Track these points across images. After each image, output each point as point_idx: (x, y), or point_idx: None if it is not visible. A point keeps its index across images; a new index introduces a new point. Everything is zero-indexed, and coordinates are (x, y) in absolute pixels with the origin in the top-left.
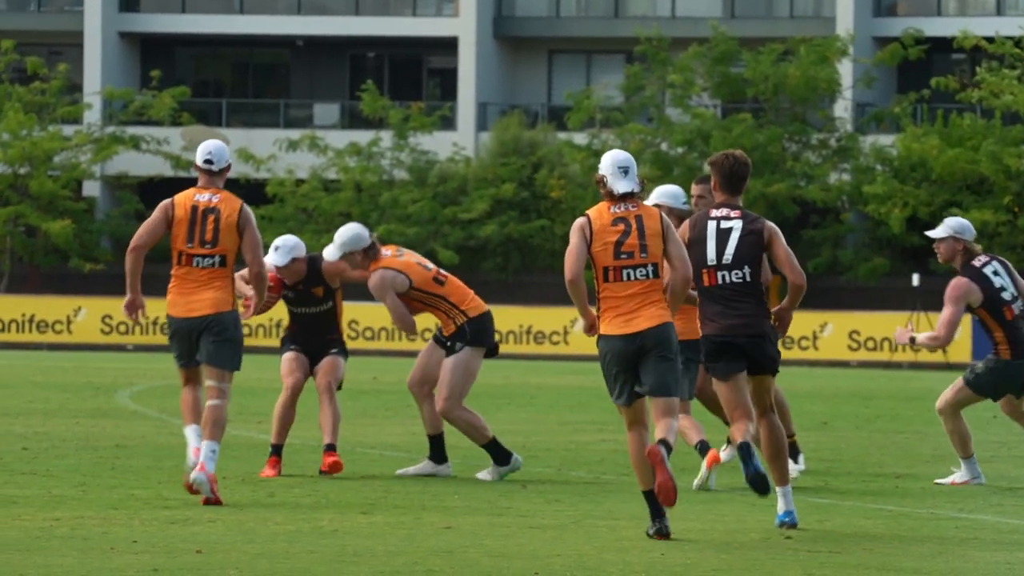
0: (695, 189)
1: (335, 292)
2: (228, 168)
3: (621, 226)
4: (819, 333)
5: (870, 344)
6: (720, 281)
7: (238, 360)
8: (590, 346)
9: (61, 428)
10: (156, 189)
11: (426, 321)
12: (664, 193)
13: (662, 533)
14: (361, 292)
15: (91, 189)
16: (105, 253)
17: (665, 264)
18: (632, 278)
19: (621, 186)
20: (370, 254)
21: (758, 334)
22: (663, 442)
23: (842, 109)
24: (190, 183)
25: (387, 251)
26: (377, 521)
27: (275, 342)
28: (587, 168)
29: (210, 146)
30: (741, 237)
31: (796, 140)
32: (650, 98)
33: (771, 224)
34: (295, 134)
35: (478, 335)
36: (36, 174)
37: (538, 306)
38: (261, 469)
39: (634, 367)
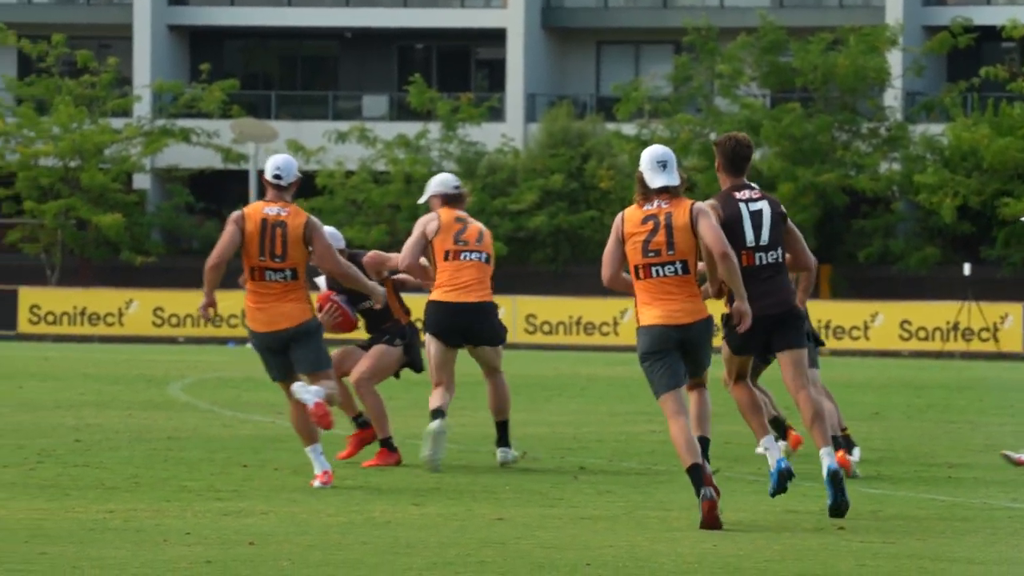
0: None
1: (382, 284)
2: (297, 182)
3: (650, 224)
4: (870, 323)
5: (921, 334)
6: (758, 262)
7: (328, 358)
8: None
9: (113, 420)
10: (206, 181)
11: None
12: None
13: (707, 497)
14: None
15: (141, 182)
16: (156, 246)
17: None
18: (662, 275)
19: (657, 180)
20: (446, 200)
21: (796, 312)
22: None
23: (892, 98)
24: (239, 176)
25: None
26: (429, 512)
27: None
28: (635, 159)
29: (279, 161)
30: (773, 218)
31: (846, 129)
32: (698, 88)
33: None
34: (344, 126)
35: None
36: (87, 167)
37: (587, 297)
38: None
39: (675, 353)
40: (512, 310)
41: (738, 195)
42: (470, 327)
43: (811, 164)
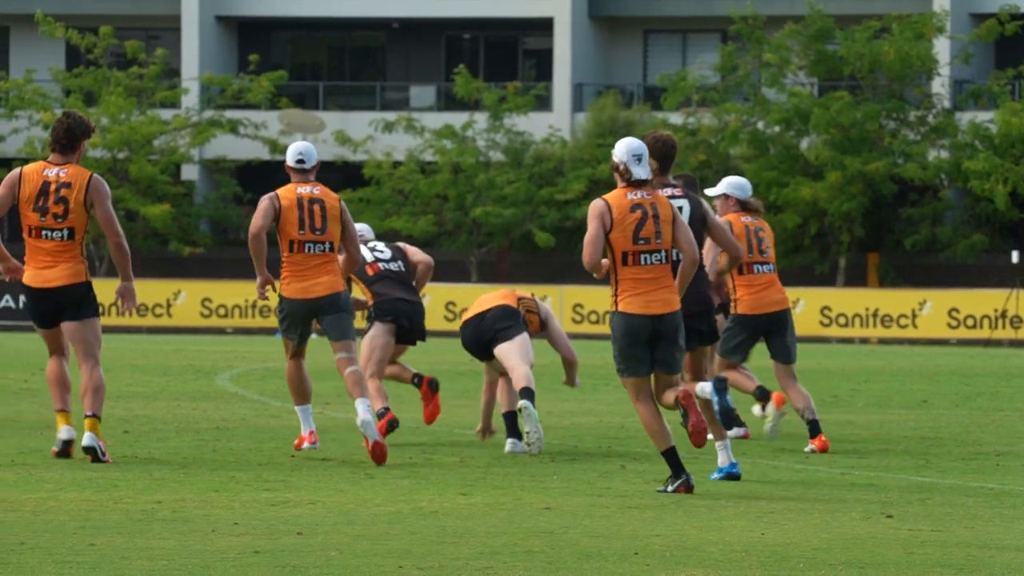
0: None
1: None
2: (318, 166)
3: (639, 213)
4: (918, 311)
5: (969, 322)
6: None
7: (354, 330)
8: None
9: (162, 411)
10: (254, 173)
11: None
12: (732, 184)
13: (687, 485)
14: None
15: (189, 173)
16: (204, 237)
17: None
18: (649, 262)
19: (640, 172)
20: None
21: (700, 310)
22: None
23: (939, 86)
24: (284, 166)
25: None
26: (476, 502)
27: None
28: (683, 148)
29: (300, 146)
30: (692, 216)
31: (894, 118)
32: (745, 77)
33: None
34: (391, 117)
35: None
36: (135, 158)
37: None
38: (361, 451)
39: (648, 343)
40: (559, 299)
41: (662, 193)
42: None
43: (859, 152)
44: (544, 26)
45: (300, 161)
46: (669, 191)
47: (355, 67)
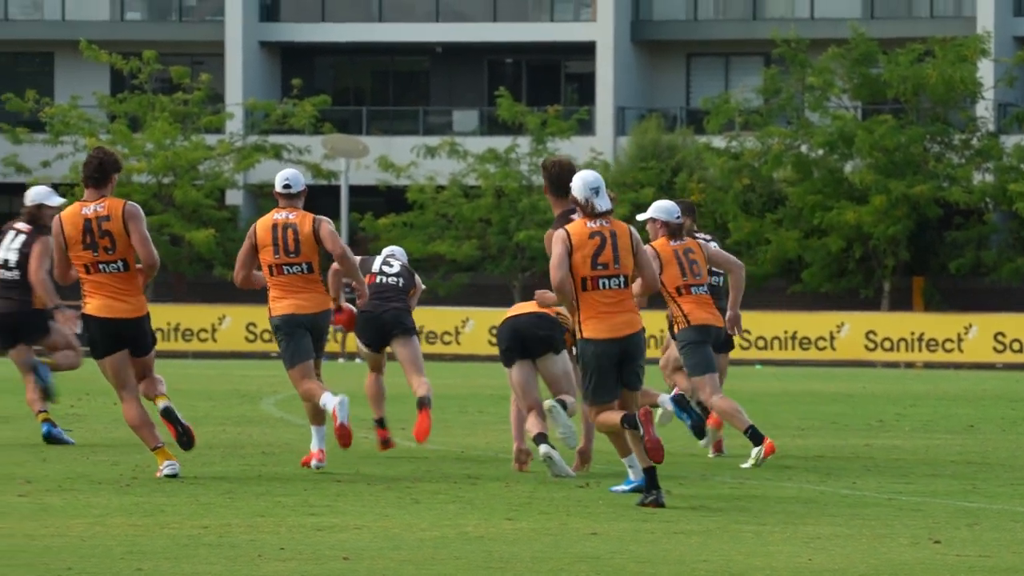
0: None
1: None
2: (304, 192)
3: (597, 240)
4: (964, 335)
5: (1016, 346)
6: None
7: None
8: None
9: (207, 436)
10: None
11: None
12: (659, 209)
13: (659, 502)
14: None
15: (234, 198)
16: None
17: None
18: (607, 287)
19: (601, 204)
20: None
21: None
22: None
23: (983, 109)
24: (330, 191)
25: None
26: (522, 527)
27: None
28: (726, 171)
29: (287, 173)
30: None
31: (938, 141)
32: (788, 100)
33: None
34: (434, 141)
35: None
36: (180, 183)
37: None
38: (407, 475)
39: (616, 366)
40: None
41: (575, 218)
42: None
43: (903, 176)
44: (586, 50)
45: (287, 187)
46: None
47: (398, 92)
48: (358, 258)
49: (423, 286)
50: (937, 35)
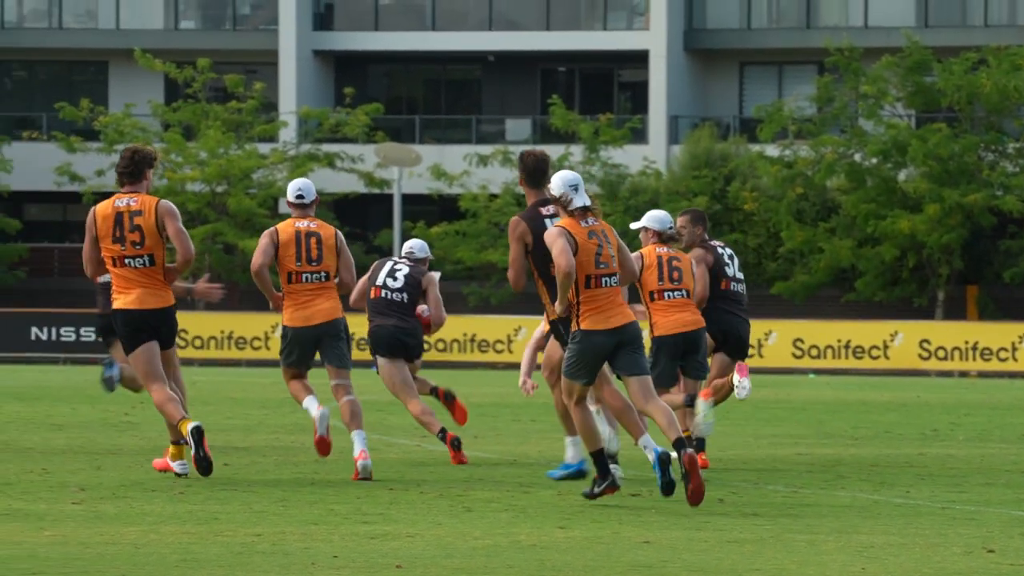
0: (679, 220)
1: None
2: (317, 201)
3: (596, 240)
4: (1018, 344)
5: None
6: None
7: (350, 359)
8: (786, 358)
9: (261, 444)
10: (351, 206)
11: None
12: (651, 218)
13: (613, 485)
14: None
15: (287, 207)
16: None
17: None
18: (608, 284)
19: (579, 200)
20: None
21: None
22: (683, 442)
23: None
24: (383, 200)
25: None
26: (575, 535)
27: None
28: (779, 180)
29: (299, 183)
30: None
31: (992, 149)
32: (842, 109)
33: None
34: (487, 150)
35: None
36: (233, 192)
37: None
38: (459, 484)
39: (607, 356)
40: None
41: (543, 211)
42: None
43: (957, 185)
44: (639, 59)
45: (300, 197)
46: (551, 208)
47: (451, 100)
48: (377, 263)
49: (436, 277)
50: (991, 44)
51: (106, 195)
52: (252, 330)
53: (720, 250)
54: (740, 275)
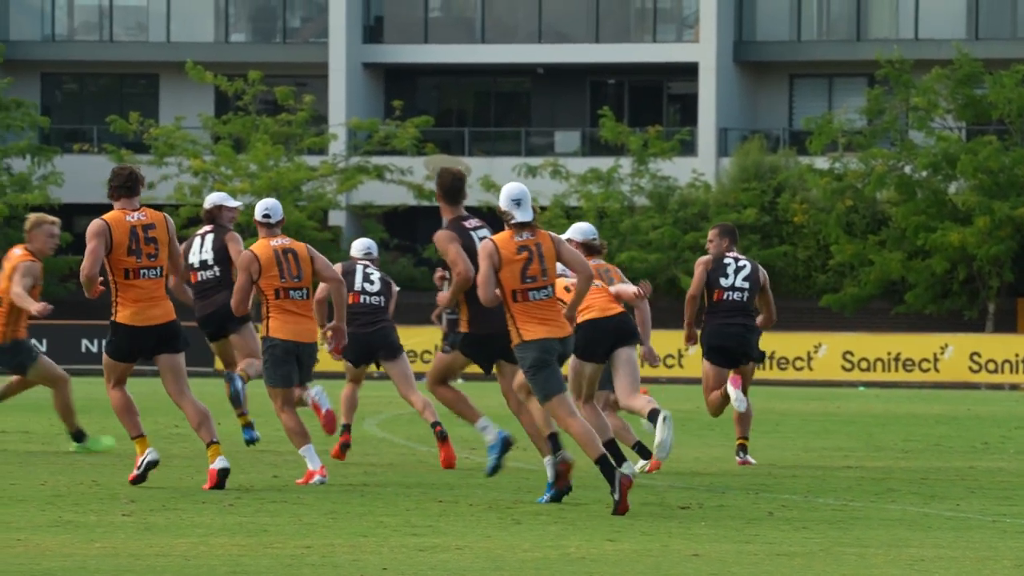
0: (709, 233)
1: None
2: (283, 221)
3: (525, 254)
4: None
5: None
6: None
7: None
8: (836, 371)
9: None
10: (400, 219)
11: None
12: (576, 230)
13: (566, 460)
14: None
15: (336, 219)
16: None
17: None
18: (536, 299)
19: (520, 215)
20: None
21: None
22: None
23: None
24: (432, 212)
25: None
26: (624, 548)
27: None
28: (829, 192)
29: (267, 203)
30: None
31: None
32: (892, 121)
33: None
34: (536, 162)
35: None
36: (283, 204)
37: (781, 332)
38: (507, 495)
39: (556, 363)
40: None
41: (466, 224)
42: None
43: (1007, 197)
44: (689, 71)
45: (266, 216)
46: (472, 222)
47: (500, 113)
48: (338, 265)
49: (397, 289)
50: None
51: (156, 208)
52: None
53: (728, 260)
54: (743, 284)
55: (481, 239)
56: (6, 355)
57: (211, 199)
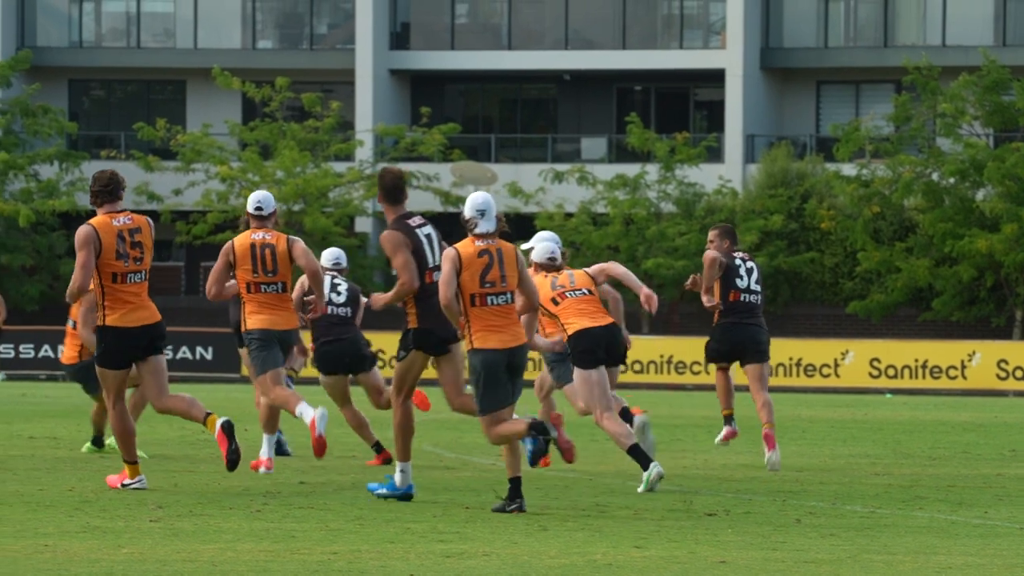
0: (710, 234)
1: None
2: (275, 213)
3: (485, 258)
4: None
5: None
6: (435, 279)
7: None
8: (863, 378)
9: (336, 463)
10: None
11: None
12: (539, 251)
13: (522, 509)
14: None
15: (363, 225)
16: (378, 288)
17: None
18: (495, 303)
19: (483, 225)
20: None
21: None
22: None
23: None
24: (458, 219)
25: None
26: (651, 555)
27: None
28: (856, 199)
29: (258, 195)
30: (439, 240)
31: None
32: (919, 128)
33: None
34: (563, 168)
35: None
36: (310, 211)
37: (808, 338)
38: (535, 502)
39: (505, 374)
40: None
41: (411, 222)
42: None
43: None
44: (715, 77)
45: (259, 208)
46: (416, 220)
47: (526, 119)
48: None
49: (365, 300)
50: None
51: (182, 214)
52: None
53: (739, 262)
54: (756, 287)
55: (426, 236)
56: (80, 374)
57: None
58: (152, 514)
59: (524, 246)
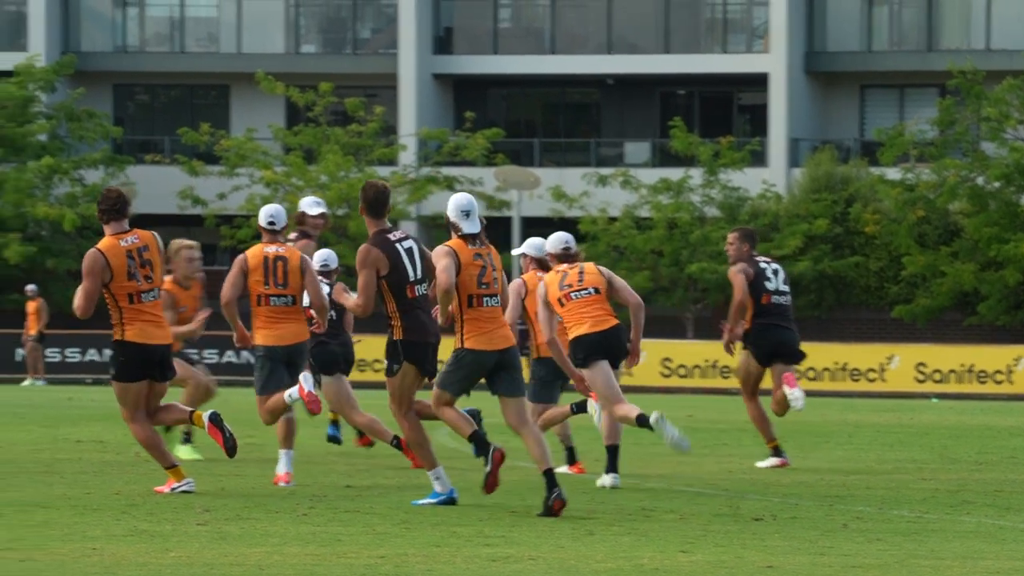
0: (729, 236)
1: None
2: (287, 227)
3: (480, 262)
4: None
5: None
6: (419, 292)
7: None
8: (909, 382)
9: (382, 467)
10: None
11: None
12: (529, 245)
13: (562, 498)
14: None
15: (407, 229)
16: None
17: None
18: (489, 304)
19: (468, 226)
20: None
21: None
22: (552, 475)
23: None
24: (503, 223)
25: None
26: (698, 559)
27: None
28: (901, 203)
29: (270, 210)
30: (421, 253)
31: None
32: (964, 132)
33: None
34: (607, 172)
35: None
36: (354, 215)
37: (853, 343)
38: (580, 506)
39: (485, 375)
40: None
41: (391, 236)
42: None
43: None
44: (759, 81)
45: (271, 223)
46: (397, 233)
47: (570, 123)
48: None
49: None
50: None
51: (227, 218)
52: (373, 353)
53: (764, 265)
54: (784, 288)
55: (406, 249)
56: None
57: (301, 204)
58: (199, 518)
59: (515, 252)
